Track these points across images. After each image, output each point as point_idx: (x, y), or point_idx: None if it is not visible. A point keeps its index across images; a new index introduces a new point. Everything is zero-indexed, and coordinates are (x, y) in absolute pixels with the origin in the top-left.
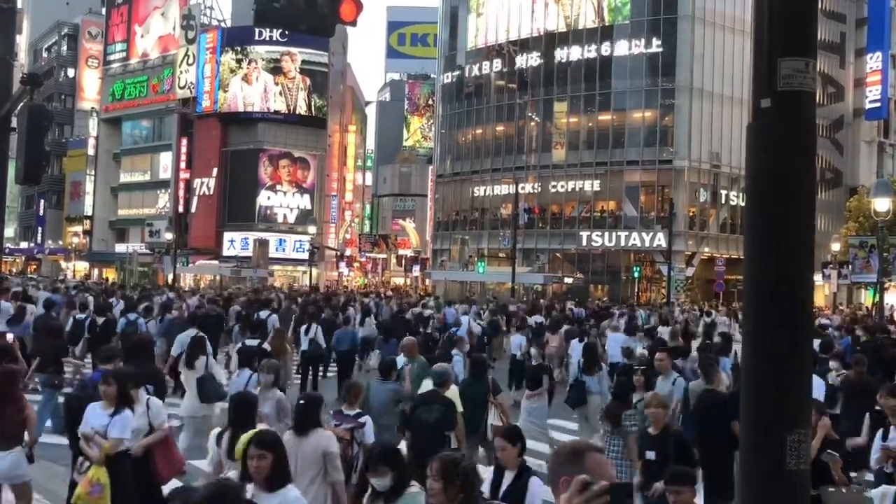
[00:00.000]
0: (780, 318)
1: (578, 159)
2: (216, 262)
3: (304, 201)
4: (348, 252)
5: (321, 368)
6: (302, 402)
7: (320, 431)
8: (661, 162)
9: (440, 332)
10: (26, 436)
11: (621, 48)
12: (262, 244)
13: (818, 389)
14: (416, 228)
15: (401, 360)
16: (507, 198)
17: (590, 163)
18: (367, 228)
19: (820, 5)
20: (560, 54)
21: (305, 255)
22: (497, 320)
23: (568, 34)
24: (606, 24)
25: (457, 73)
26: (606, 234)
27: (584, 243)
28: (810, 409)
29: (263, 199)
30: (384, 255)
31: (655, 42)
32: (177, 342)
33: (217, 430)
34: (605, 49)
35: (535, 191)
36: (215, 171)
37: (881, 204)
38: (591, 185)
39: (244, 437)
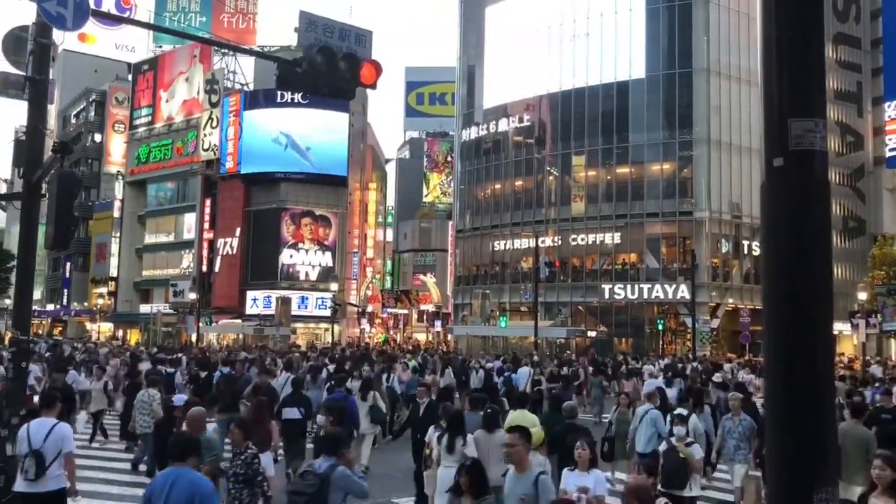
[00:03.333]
0: (800, 374)
1: (598, 212)
2: (239, 320)
3: (326, 258)
4: (370, 308)
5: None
6: (489, 410)
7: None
8: (681, 213)
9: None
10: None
11: (638, 102)
12: (285, 302)
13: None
14: (437, 283)
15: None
16: (528, 251)
17: (609, 215)
18: (388, 284)
19: (835, 56)
20: (577, 109)
21: (328, 312)
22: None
23: (584, 89)
24: (622, 78)
25: (475, 129)
26: (629, 286)
27: (607, 296)
28: (836, 466)
29: (286, 257)
30: (406, 311)
31: (671, 95)
32: None
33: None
34: (622, 103)
35: (556, 244)
36: (238, 230)
37: None
38: (611, 238)
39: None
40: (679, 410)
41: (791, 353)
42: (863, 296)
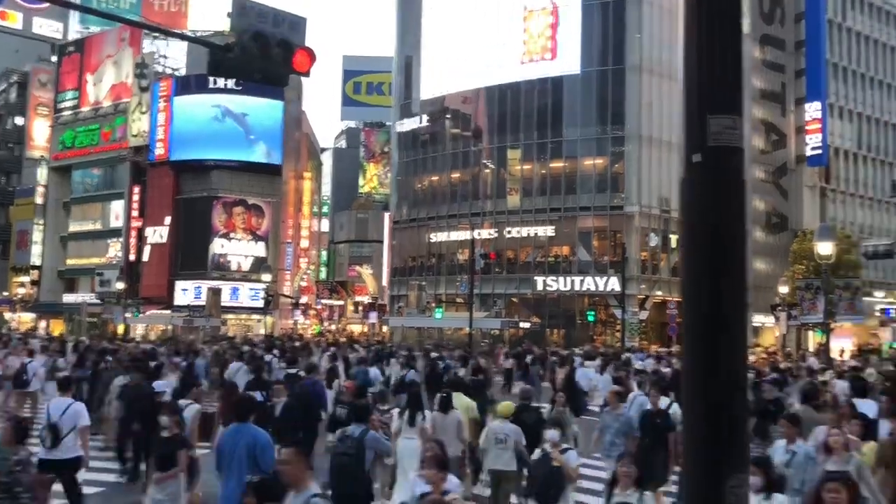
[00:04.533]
0: (715, 364)
1: (533, 205)
2: (168, 311)
3: (259, 249)
4: (304, 299)
5: None
6: (444, 394)
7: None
8: (612, 208)
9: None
10: None
11: (572, 97)
12: (215, 293)
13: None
14: (373, 275)
15: None
16: (464, 244)
17: (544, 209)
18: (323, 275)
19: (761, 56)
20: (513, 103)
21: (260, 304)
22: None
23: (520, 83)
24: (557, 74)
25: (412, 121)
26: (561, 278)
27: (540, 288)
28: (749, 453)
29: (217, 246)
30: (341, 303)
31: (605, 91)
32: None
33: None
34: (557, 98)
35: (492, 236)
36: (168, 218)
37: (824, 248)
38: (545, 231)
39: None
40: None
41: (707, 345)
42: (784, 289)
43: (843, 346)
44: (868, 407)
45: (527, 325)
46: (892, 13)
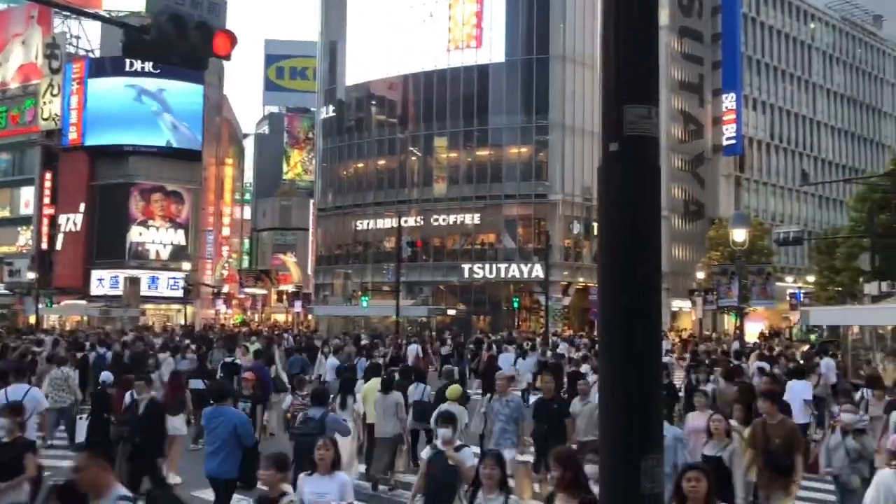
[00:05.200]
0: (630, 347)
1: (459, 193)
2: (84, 302)
3: (179, 237)
4: (226, 288)
5: None
6: (385, 377)
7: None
8: (536, 196)
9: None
10: None
11: (497, 86)
12: (133, 282)
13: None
14: (298, 263)
15: None
16: (390, 231)
17: (470, 197)
18: (245, 264)
19: (679, 48)
20: (439, 90)
21: (180, 293)
22: None
23: (446, 70)
24: (482, 62)
25: (337, 106)
26: (487, 265)
27: (466, 275)
28: (662, 434)
29: (135, 234)
30: (264, 292)
31: (529, 80)
32: None
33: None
34: (482, 86)
35: (418, 224)
36: (83, 206)
37: (738, 234)
38: (471, 219)
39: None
40: (446, 407)
41: (623, 330)
42: (701, 275)
43: (757, 328)
44: (803, 388)
45: (453, 312)
46: (803, 9)
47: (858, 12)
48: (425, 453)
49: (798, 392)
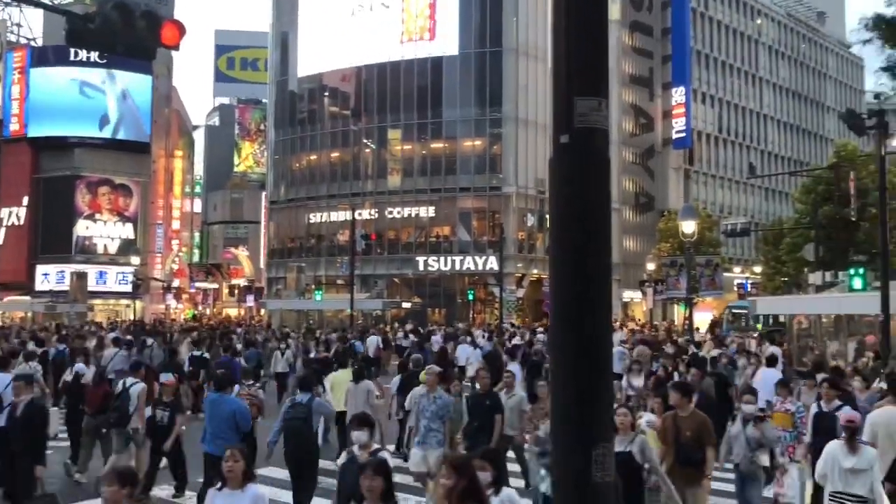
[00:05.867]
0: (580, 337)
1: (413, 186)
2: (28, 297)
3: (127, 230)
4: (176, 283)
5: None
6: (357, 366)
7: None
8: (491, 188)
9: None
10: None
11: (451, 78)
12: (80, 277)
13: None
14: (250, 257)
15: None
16: (344, 224)
17: (424, 189)
18: (196, 258)
19: (630, 42)
20: (393, 82)
21: (129, 288)
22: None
23: (400, 62)
24: (436, 54)
25: (289, 98)
26: (442, 258)
27: (421, 268)
28: (613, 423)
29: (81, 228)
30: (216, 286)
31: (483, 73)
32: None
33: None
34: (436, 78)
35: (372, 217)
36: (26, 199)
37: (687, 226)
38: (426, 212)
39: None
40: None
41: (573, 321)
42: (651, 266)
43: (706, 318)
44: (774, 375)
45: (408, 305)
46: (750, 5)
47: (802, 9)
48: (341, 460)
49: (769, 379)
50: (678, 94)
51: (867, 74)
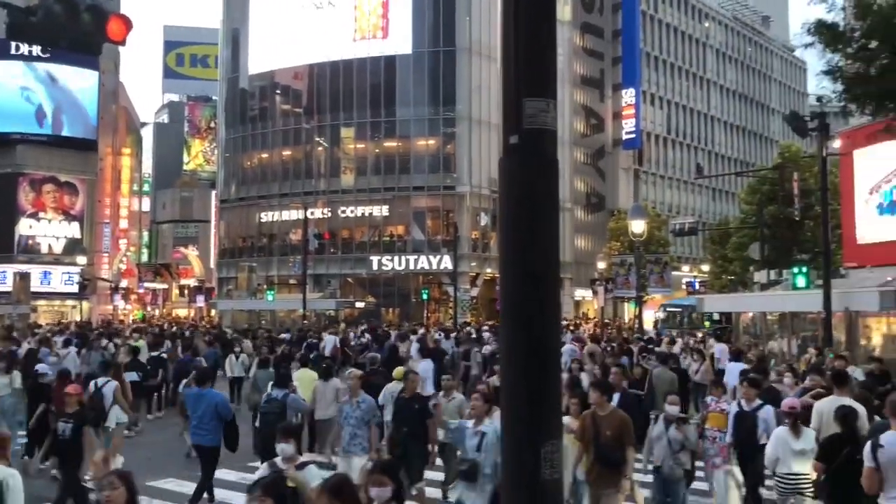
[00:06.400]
0: (530, 335)
1: (367, 184)
2: None
3: (73, 230)
4: (124, 283)
5: None
6: (325, 365)
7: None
8: (445, 188)
9: None
10: None
11: (404, 77)
12: (23, 277)
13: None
14: (200, 256)
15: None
16: (297, 223)
17: (378, 188)
18: (145, 257)
19: (581, 43)
20: (346, 80)
21: (75, 288)
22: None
23: (353, 61)
24: (389, 53)
25: (240, 95)
26: (396, 257)
27: (375, 267)
28: (561, 421)
29: (24, 227)
30: (165, 286)
31: (436, 72)
32: None
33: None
34: (389, 77)
35: (325, 216)
36: None
37: (637, 226)
38: (379, 211)
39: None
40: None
41: (523, 319)
42: (602, 265)
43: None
44: (740, 368)
45: (362, 304)
46: (699, 8)
47: (748, 13)
48: (259, 473)
49: (734, 373)
50: (628, 96)
51: (810, 77)
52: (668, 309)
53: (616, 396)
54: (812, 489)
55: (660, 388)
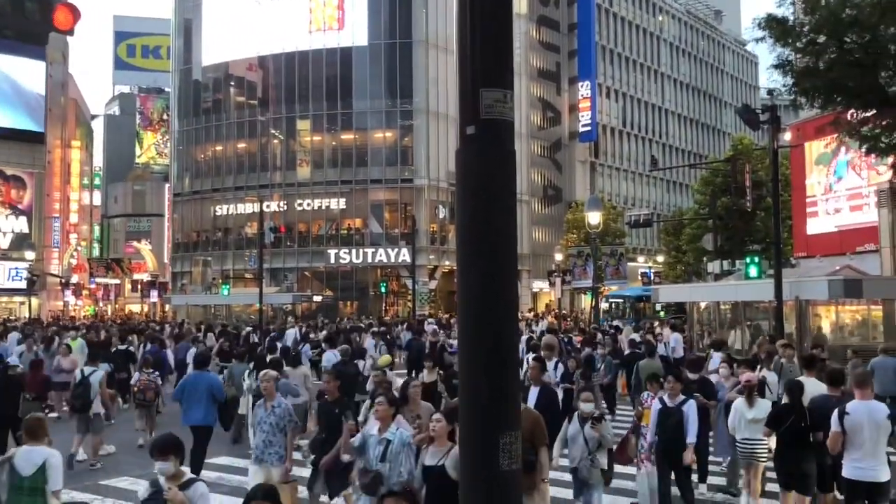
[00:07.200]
0: (487, 327)
1: (324, 177)
2: None
3: (21, 224)
4: (75, 279)
5: None
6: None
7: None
8: (402, 181)
9: None
10: None
11: (361, 69)
12: None
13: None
14: (153, 251)
15: None
16: (252, 216)
17: (335, 181)
18: (96, 252)
19: (537, 36)
20: (301, 72)
21: (23, 284)
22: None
23: (308, 52)
24: (345, 45)
25: (193, 87)
26: (354, 251)
27: (333, 261)
28: (519, 411)
29: None
30: (118, 281)
31: (393, 64)
32: None
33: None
34: (346, 69)
35: (281, 209)
36: None
37: (593, 217)
38: (337, 203)
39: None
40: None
41: (479, 310)
42: (559, 256)
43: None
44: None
45: (319, 298)
46: (653, 2)
47: (701, 7)
48: (140, 494)
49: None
50: (584, 89)
51: (761, 71)
52: (611, 300)
53: (534, 392)
54: (766, 454)
55: (646, 379)
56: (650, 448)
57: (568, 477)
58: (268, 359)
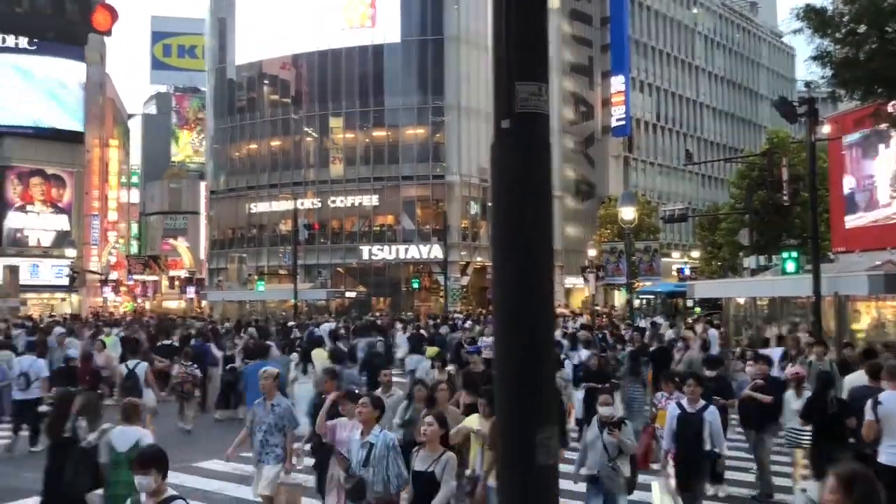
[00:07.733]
0: (524, 322)
1: (356, 174)
2: None
3: (62, 222)
4: (114, 276)
5: None
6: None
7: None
8: (434, 177)
9: None
10: None
11: (393, 66)
12: (13, 271)
13: None
14: (190, 248)
15: None
16: (286, 214)
17: (367, 178)
18: (134, 249)
19: (570, 31)
20: (334, 70)
21: (65, 281)
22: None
23: (341, 50)
24: (378, 42)
25: (227, 86)
26: (386, 247)
27: (365, 257)
28: (557, 407)
29: (13, 220)
30: (155, 278)
31: (424, 61)
32: None
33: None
34: (378, 66)
35: (315, 206)
36: None
37: (627, 213)
38: (369, 200)
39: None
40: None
41: (516, 306)
42: (592, 252)
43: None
44: (775, 353)
45: (352, 294)
46: None
47: None
48: None
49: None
50: (617, 83)
51: (798, 63)
52: (641, 296)
53: None
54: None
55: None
56: (666, 456)
57: (572, 486)
58: (327, 349)
